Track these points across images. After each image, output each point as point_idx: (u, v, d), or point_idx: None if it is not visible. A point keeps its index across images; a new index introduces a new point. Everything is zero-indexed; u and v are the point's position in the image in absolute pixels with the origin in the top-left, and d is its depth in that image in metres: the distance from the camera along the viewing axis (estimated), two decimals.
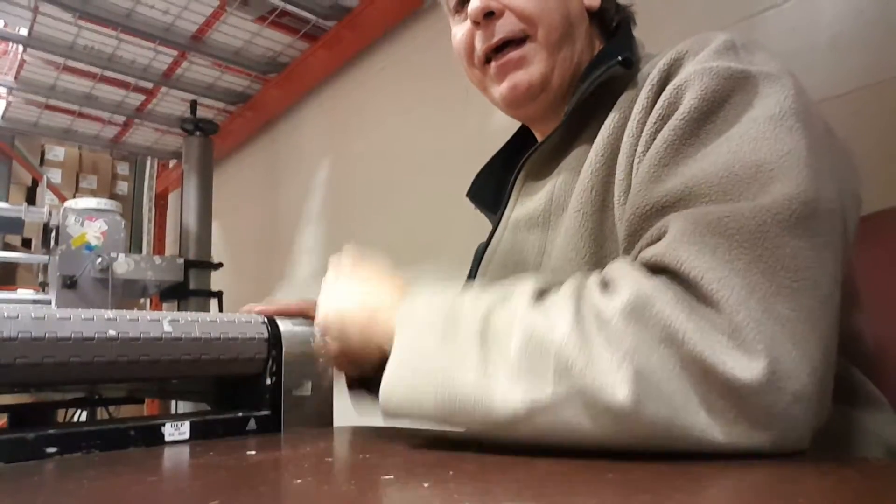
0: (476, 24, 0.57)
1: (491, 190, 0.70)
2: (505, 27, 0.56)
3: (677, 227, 0.37)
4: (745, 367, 0.32)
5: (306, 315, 0.68)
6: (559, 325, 0.35)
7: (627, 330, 0.34)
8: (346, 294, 0.51)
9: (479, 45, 0.58)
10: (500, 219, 0.63)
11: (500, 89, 0.59)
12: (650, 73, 0.48)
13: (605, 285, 0.37)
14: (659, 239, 0.38)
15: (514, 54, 0.57)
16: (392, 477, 0.34)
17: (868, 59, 0.83)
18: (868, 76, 0.82)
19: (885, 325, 0.56)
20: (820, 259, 0.35)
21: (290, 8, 1.69)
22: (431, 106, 1.61)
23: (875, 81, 0.82)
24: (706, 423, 0.32)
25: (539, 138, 0.67)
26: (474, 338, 0.38)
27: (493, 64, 0.58)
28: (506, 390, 0.35)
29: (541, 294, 0.39)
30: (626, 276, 0.36)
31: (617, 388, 0.32)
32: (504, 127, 0.76)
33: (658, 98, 0.46)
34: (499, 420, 0.36)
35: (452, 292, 0.43)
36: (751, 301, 0.33)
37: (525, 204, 0.60)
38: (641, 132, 0.46)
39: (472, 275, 0.67)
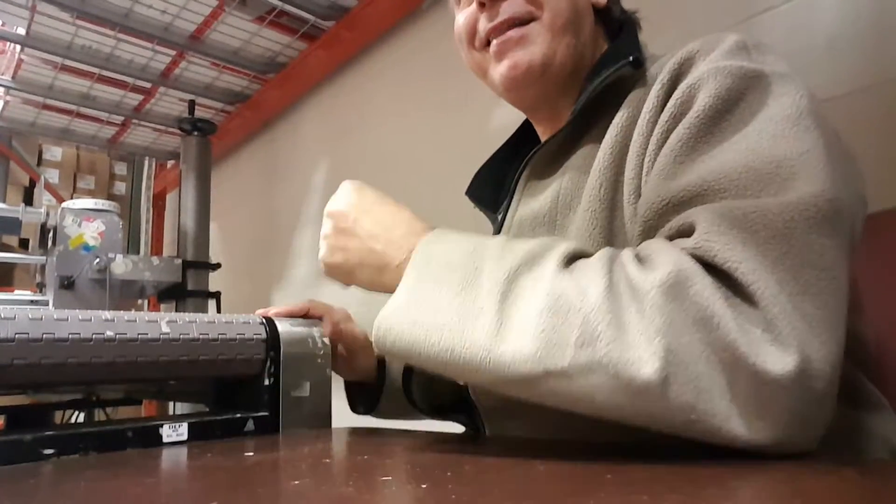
0: (482, 5, 0.57)
1: (490, 188, 0.69)
2: (511, 7, 0.56)
3: (705, 220, 0.36)
4: (778, 361, 0.31)
5: (313, 315, 0.68)
6: (590, 291, 0.34)
7: (664, 306, 0.33)
8: (370, 196, 0.48)
9: (483, 27, 0.58)
10: (504, 219, 0.62)
11: (499, 69, 0.58)
12: (659, 73, 0.48)
13: (643, 259, 0.36)
14: (682, 233, 0.38)
15: (515, 33, 0.56)
16: (390, 478, 0.34)
17: (865, 61, 0.83)
18: (865, 78, 0.83)
19: (884, 326, 0.56)
20: (840, 259, 0.35)
21: (288, 8, 1.69)
22: (430, 106, 1.61)
23: (872, 84, 0.82)
24: (728, 413, 0.32)
25: (539, 132, 0.66)
26: (494, 298, 0.36)
27: (493, 43, 0.57)
28: (518, 350, 0.34)
29: (572, 258, 0.38)
30: (666, 253, 0.36)
31: (645, 363, 0.32)
32: (503, 126, 0.76)
33: (669, 97, 0.46)
34: (508, 378, 0.35)
35: (478, 240, 0.41)
36: (781, 296, 0.33)
37: (529, 203, 0.59)
38: (652, 131, 0.46)
39: None
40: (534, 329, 0.34)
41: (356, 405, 0.76)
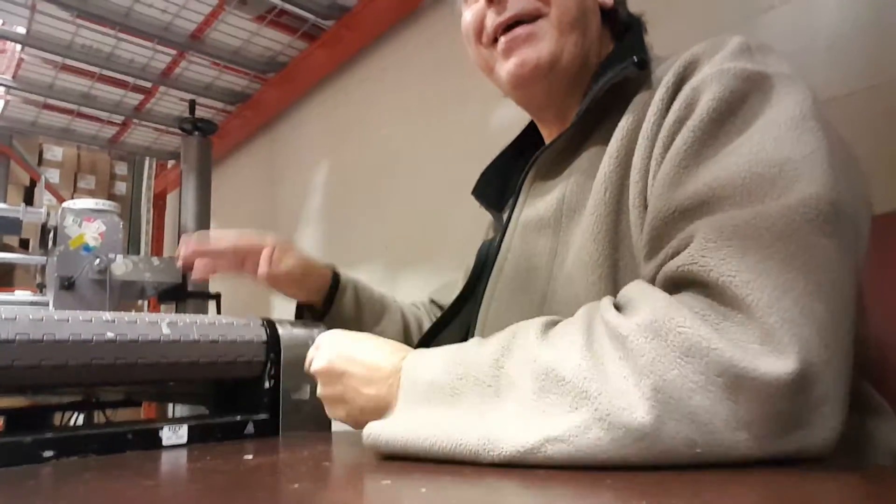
0: (490, 1, 0.57)
1: (496, 188, 0.69)
2: (519, 3, 0.56)
3: (703, 235, 0.36)
4: (778, 369, 0.31)
5: (245, 244, 0.69)
6: (571, 354, 0.35)
7: (646, 345, 0.33)
8: (348, 342, 0.49)
9: (490, 23, 0.58)
10: (509, 220, 0.62)
11: (506, 66, 0.57)
12: (664, 76, 0.48)
13: (622, 307, 0.37)
14: (685, 248, 0.38)
15: (523, 30, 0.56)
16: (390, 482, 0.34)
17: (864, 62, 0.83)
18: (864, 79, 0.82)
19: (886, 329, 0.56)
20: (845, 260, 0.35)
21: (288, 7, 1.69)
22: (431, 106, 1.61)
23: (871, 84, 0.82)
24: (734, 438, 0.32)
25: (544, 134, 0.66)
26: (486, 396, 0.37)
27: (501, 40, 0.57)
28: (514, 429, 0.35)
29: (548, 326, 0.39)
30: (645, 296, 0.36)
31: (636, 407, 0.32)
32: (504, 126, 0.76)
33: (674, 100, 0.46)
34: (509, 454, 0.34)
35: (455, 350, 0.42)
36: (785, 301, 0.33)
37: (534, 205, 0.59)
38: (657, 134, 0.46)
39: (474, 274, 0.67)
40: (528, 411, 0.35)
41: (302, 314, 0.77)
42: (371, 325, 0.75)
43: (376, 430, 0.41)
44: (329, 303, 0.74)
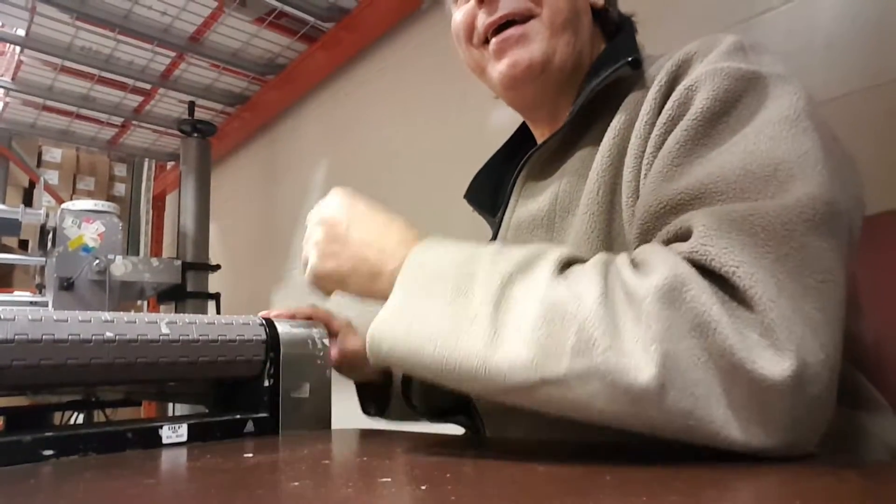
0: (480, 1, 0.56)
1: (488, 191, 0.69)
2: (510, 3, 0.56)
3: (703, 224, 0.36)
4: (775, 366, 0.31)
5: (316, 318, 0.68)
6: (585, 298, 0.34)
7: (661, 312, 0.33)
8: (353, 207, 0.47)
9: (481, 23, 0.57)
10: (501, 221, 0.62)
11: (498, 67, 0.57)
12: (656, 75, 0.48)
13: (638, 264, 0.36)
14: (680, 237, 0.38)
15: (515, 31, 0.56)
16: (389, 480, 0.34)
17: (863, 62, 0.83)
18: (863, 79, 0.83)
19: (883, 327, 0.56)
20: (839, 261, 0.35)
21: (287, 9, 1.69)
22: (430, 107, 1.61)
23: (870, 85, 0.82)
24: (725, 418, 0.32)
25: (536, 135, 0.66)
26: (488, 306, 0.36)
27: (492, 41, 0.57)
28: (514, 358, 0.34)
29: (566, 265, 0.38)
30: (662, 258, 0.35)
31: (642, 370, 0.32)
32: (503, 127, 0.76)
33: (667, 99, 0.46)
34: (505, 387, 0.34)
35: (471, 248, 0.41)
36: (782, 299, 0.33)
37: (527, 205, 0.59)
38: (650, 133, 0.46)
39: None
40: (529, 337, 0.34)
41: (367, 407, 0.76)
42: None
43: (378, 335, 0.39)
44: (388, 375, 0.73)
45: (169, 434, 0.52)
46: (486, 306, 0.36)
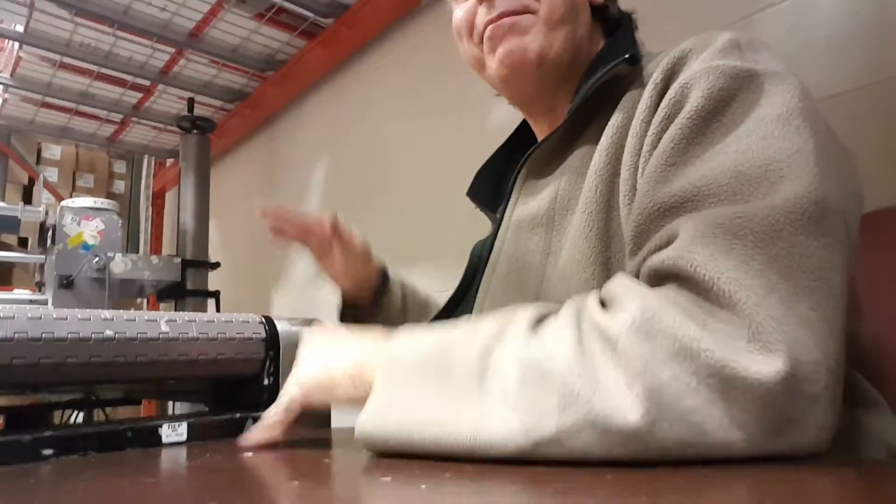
0: None
1: (490, 188, 0.69)
2: (509, 1, 0.56)
3: (688, 230, 0.36)
4: (766, 367, 0.31)
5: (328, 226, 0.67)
6: (561, 351, 0.35)
7: (637, 348, 0.33)
8: (328, 351, 0.47)
9: (481, 20, 0.58)
10: (501, 219, 0.62)
11: (495, 58, 0.58)
12: (653, 73, 0.48)
13: (607, 303, 0.37)
14: (669, 243, 0.38)
15: (507, 20, 0.56)
16: (389, 478, 0.34)
17: (865, 59, 0.83)
18: (865, 76, 0.82)
19: (883, 325, 0.56)
20: (832, 259, 0.35)
21: (287, 5, 1.69)
22: (430, 103, 1.61)
23: (872, 82, 0.82)
24: (727, 437, 0.32)
25: (536, 131, 0.66)
26: (471, 381, 0.37)
27: (487, 29, 0.57)
28: (505, 429, 0.34)
29: (538, 321, 0.38)
30: (629, 292, 0.36)
31: (628, 410, 0.32)
32: (503, 124, 0.76)
33: (662, 97, 0.46)
34: (502, 457, 0.34)
35: (439, 331, 0.41)
36: (771, 300, 0.33)
37: (527, 203, 0.59)
38: (646, 132, 0.46)
39: (468, 273, 0.67)
40: (514, 404, 0.34)
41: (345, 319, 0.75)
42: (414, 321, 0.75)
43: (369, 427, 0.39)
44: (380, 295, 0.73)
45: (169, 433, 0.52)
46: (467, 384, 0.37)
